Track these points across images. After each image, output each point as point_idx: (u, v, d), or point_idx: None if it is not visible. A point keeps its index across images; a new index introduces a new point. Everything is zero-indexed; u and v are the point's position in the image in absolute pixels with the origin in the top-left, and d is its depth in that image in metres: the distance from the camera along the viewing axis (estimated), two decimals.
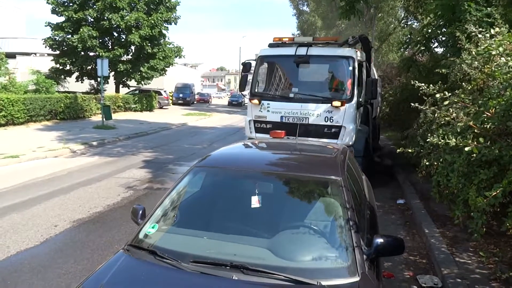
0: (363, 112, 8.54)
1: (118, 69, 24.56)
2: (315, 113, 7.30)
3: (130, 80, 26.98)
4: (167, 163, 10.57)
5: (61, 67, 25.21)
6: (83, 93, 24.12)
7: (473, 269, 4.31)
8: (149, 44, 24.88)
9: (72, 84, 26.70)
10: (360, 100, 7.63)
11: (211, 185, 3.25)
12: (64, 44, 24.07)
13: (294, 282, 2.18)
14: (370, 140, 8.76)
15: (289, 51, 7.76)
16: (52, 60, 25.48)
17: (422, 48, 10.50)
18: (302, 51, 7.57)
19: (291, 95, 7.68)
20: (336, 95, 7.47)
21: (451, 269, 4.29)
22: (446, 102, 3.43)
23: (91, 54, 24.58)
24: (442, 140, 2.84)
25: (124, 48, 24.56)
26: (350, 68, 7.36)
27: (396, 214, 6.67)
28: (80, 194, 7.28)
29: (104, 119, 17.71)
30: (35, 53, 35.61)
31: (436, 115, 4.40)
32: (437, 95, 3.51)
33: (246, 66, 8.26)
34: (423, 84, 3.91)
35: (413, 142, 5.87)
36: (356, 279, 2.25)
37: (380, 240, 2.49)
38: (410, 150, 3.64)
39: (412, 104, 4.30)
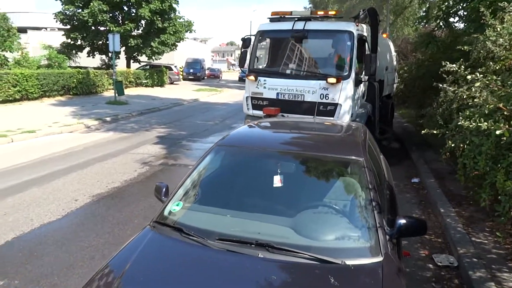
0: (369, 90, 8.29)
1: (129, 44, 24.43)
2: (310, 90, 7.06)
3: (141, 55, 26.86)
4: (181, 139, 10.64)
5: (72, 42, 25.16)
6: (94, 68, 24.16)
7: (490, 249, 4.33)
8: (160, 19, 24.59)
9: (84, 59, 26.69)
10: (362, 76, 7.37)
11: (233, 164, 3.28)
12: (75, 18, 23.93)
13: (318, 261, 2.22)
14: (376, 119, 8.51)
15: (287, 25, 7.51)
16: (63, 35, 25.40)
17: (441, 23, 10.22)
18: (299, 25, 7.34)
19: (288, 71, 7.50)
20: (332, 72, 7.22)
21: (467, 249, 4.31)
22: (478, 84, 3.33)
23: (102, 29, 24.43)
24: (474, 124, 2.79)
25: (134, 22, 24.34)
26: (349, 43, 7.06)
27: (411, 193, 6.67)
28: (97, 170, 7.40)
29: (116, 95, 17.77)
30: (46, 28, 35.54)
31: (457, 94, 4.32)
32: (468, 77, 3.41)
33: (245, 42, 8.04)
34: (454, 66, 3.79)
35: (431, 121, 5.79)
36: (379, 259, 2.28)
37: (403, 221, 2.51)
38: (434, 132, 3.60)
39: (434, 82, 4.22)
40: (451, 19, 10.04)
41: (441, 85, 3.90)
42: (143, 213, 5.40)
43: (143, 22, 24.96)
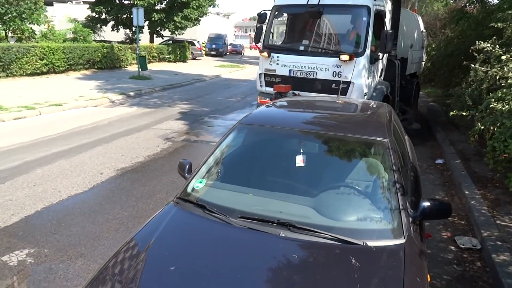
0: (388, 68, 7.98)
1: (153, 19, 24.39)
2: (323, 67, 6.85)
3: (164, 30, 26.85)
4: (203, 115, 10.70)
5: (97, 16, 25.31)
6: (118, 42, 24.30)
7: None
8: None
9: (108, 33, 26.87)
10: (378, 54, 7.04)
11: (255, 143, 3.28)
12: None
13: (339, 242, 2.23)
14: (396, 99, 8.22)
15: (302, 0, 7.24)
16: (88, 8, 25.54)
17: None
18: (315, 0, 7.09)
19: (301, 47, 7.28)
20: (346, 48, 6.97)
21: (491, 232, 4.24)
22: None
23: (126, 2, 24.43)
24: (506, 106, 2.69)
25: None
26: (365, 18, 6.73)
27: (435, 174, 6.56)
28: (121, 144, 7.55)
29: (140, 70, 17.89)
30: (72, 1, 35.79)
31: (489, 74, 4.16)
32: (503, 57, 3.26)
33: (261, 17, 7.77)
34: (487, 44, 3.62)
35: (459, 101, 5.61)
36: (402, 241, 2.26)
37: (427, 204, 2.48)
38: (464, 113, 3.49)
39: (464, 61, 4.06)
40: None
41: (473, 65, 3.73)
42: (165, 188, 5.51)
43: None
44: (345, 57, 6.57)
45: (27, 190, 5.23)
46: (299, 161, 2.86)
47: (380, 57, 7.17)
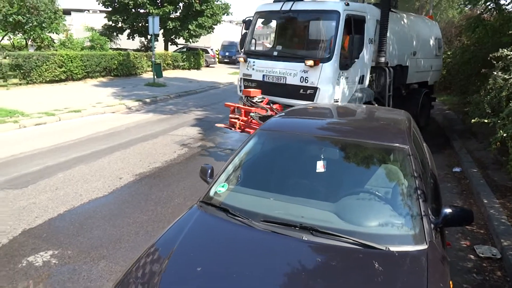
0: (378, 75, 7.87)
1: (167, 27, 24.73)
2: (292, 72, 6.86)
3: (179, 38, 27.17)
4: (218, 122, 10.78)
5: (113, 24, 25.78)
6: (133, 50, 24.68)
7: None
8: (198, 1, 24.67)
9: (124, 41, 27.33)
10: (352, 60, 6.86)
11: (275, 149, 3.33)
12: (116, 1, 24.44)
13: (362, 246, 2.25)
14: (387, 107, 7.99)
15: (278, 6, 7.31)
16: (105, 17, 26.06)
17: (491, 5, 9.69)
18: (287, 6, 7.14)
19: (273, 53, 7.34)
20: (313, 54, 6.94)
21: None
22: None
23: (141, 11, 24.83)
24: None
25: (173, 5, 24.55)
26: (334, 24, 6.68)
27: (452, 182, 6.51)
28: (139, 150, 7.68)
29: (155, 77, 18.14)
30: (88, 10, 36.54)
31: (509, 81, 4.15)
32: None
33: (247, 24, 7.90)
34: (510, 52, 3.62)
35: (477, 109, 5.58)
36: (424, 247, 2.28)
37: (449, 210, 2.50)
38: (485, 121, 3.48)
39: (482, 69, 4.05)
40: (502, 1, 9.51)
41: (494, 72, 3.73)
42: (183, 193, 5.59)
43: (181, 4, 25.16)
44: (310, 62, 6.54)
45: (49, 194, 5.36)
46: (320, 166, 2.90)
47: (352, 62, 6.92)
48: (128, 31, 26.47)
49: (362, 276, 2.07)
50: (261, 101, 6.96)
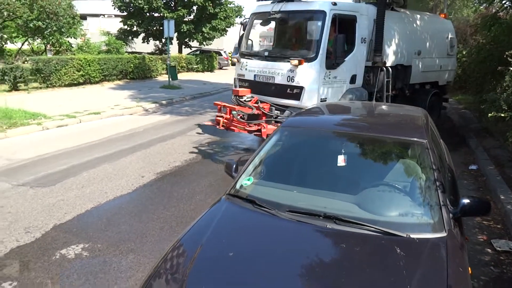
0: (375, 75, 7.77)
1: (182, 30, 25.07)
2: (279, 72, 6.98)
3: (192, 41, 27.50)
4: None
5: (128, 28, 26.24)
6: (148, 53, 25.10)
7: None
8: (211, 4, 24.98)
9: (138, 45, 27.81)
10: (344, 59, 6.94)
11: (297, 144, 3.47)
12: (131, 5, 24.90)
13: (383, 234, 2.38)
14: None
15: (269, 7, 7.44)
16: (120, 21, 26.55)
17: (507, 3, 9.68)
18: (278, 7, 7.24)
19: (263, 53, 7.48)
20: (299, 53, 7.02)
21: None
22: None
23: (156, 15, 25.24)
24: None
25: (187, 8, 24.90)
26: (319, 23, 6.73)
27: (469, 179, 6.54)
28: (158, 149, 7.89)
29: (170, 79, 18.44)
30: (104, 15, 37.22)
31: None
32: None
33: (244, 25, 8.03)
34: None
35: (493, 106, 5.62)
36: (443, 234, 2.39)
37: (466, 201, 2.60)
38: (503, 115, 3.57)
39: (499, 67, 4.12)
40: None
41: (511, 68, 3.80)
42: (204, 191, 5.76)
43: (195, 8, 25.49)
44: (295, 62, 6.62)
45: (76, 192, 5.59)
46: (341, 160, 3.03)
47: (338, 62, 6.89)
48: (143, 34, 26.91)
49: (385, 260, 2.20)
50: (250, 100, 7.07)
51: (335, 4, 6.80)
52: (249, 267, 2.17)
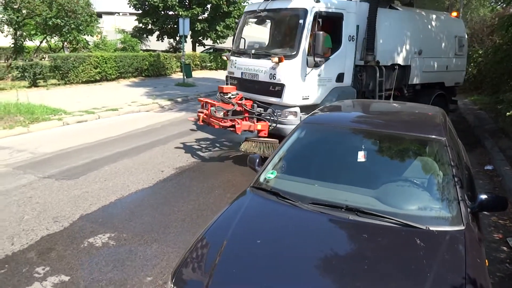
0: (367, 74, 7.71)
1: (196, 28, 25.28)
2: (263, 69, 6.97)
3: (206, 39, 27.71)
4: None
5: (143, 26, 26.55)
6: (162, 51, 25.39)
7: None
8: (225, 2, 25.14)
9: (152, 43, 28.14)
10: (329, 57, 6.85)
11: (318, 140, 3.58)
12: (146, 3, 25.19)
13: (404, 226, 2.49)
14: None
15: (257, 6, 7.50)
16: (136, 19, 26.88)
17: None
18: (264, 5, 7.30)
19: (249, 51, 7.49)
20: (280, 51, 7.02)
21: None
22: None
23: (171, 13, 25.50)
24: None
25: (201, 6, 25.11)
26: (301, 21, 6.67)
27: (484, 180, 6.58)
28: (176, 145, 8.07)
29: (184, 77, 18.66)
30: (119, 13, 37.64)
31: None
32: None
33: (237, 24, 8.12)
34: None
35: (510, 106, 5.67)
36: (461, 227, 2.49)
37: (484, 196, 2.69)
38: None
39: None
40: None
41: None
42: (222, 186, 5.91)
43: (209, 6, 25.68)
44: (275, 59, 6.60)
45: (99, 184, 5.79)
46: (361, 156, 3.15)
47: (320, 60, 6.69)
48: (157, 32, 27.21)
49: (406, 249, 2.31)
50: (234, 97, 7.03)
51: (318, 1, 6.73)
52: (276, 253, 2.30)
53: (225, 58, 7.94)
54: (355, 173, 3.18)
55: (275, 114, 6.69)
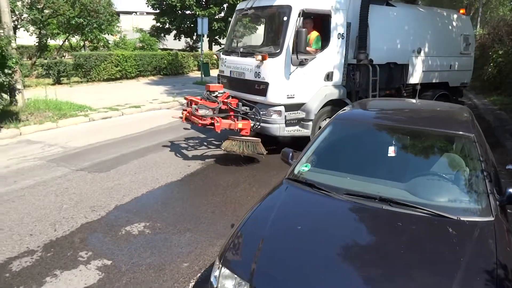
0: (361, 73, 7.54)
1: (213, 27, 25.55)
2: (248, 68, 6.95)
3: (223, 38, 27.94)
4: None
5: (161, 26, 26.95)
6: (179, 50, 25.73)
7: None
8: None
9: (169, 42, 28.52)
10: (315, 56, 6.78)
11: (350, 135, 3.73)
12: (164, 3, 25.57)
13: (435, 216, 2.63)
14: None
15: (245, 4, 7.49)
16: (153, 19, 27.30)
17: None
18: (251, 3, 7.26)
19: (238, 50, 7.46)
20: (265, 49, 6.99)
21: None
22: None
23: (188, 12, 25.83)
24: None
25: (218, 6, 25.37)
26: (285, 18, 6.57)
27: (506, 178, 6.62)
28: (199, 140, 8.31)
29: (202, 76, 18.92)
30: (136, 12, 38.21)
31: None
32: None
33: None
34: None
35: None
36: (491, 218, 2.62)
37: None
38: None
39: None
40: None
41: None
42: (247, 180, 6.10)
43: (225, 5, 25.93)
44: (259, 57, 6.56)
45: (130, 177, 6.03)
46: (391, 151, 3.29)
47: (306, 59, 6.63)
48: (174, 32, 27.58)
49: (439, 237, 2.46)
50: (220, 96, 7.09)
51: None
52: (315, 238, 2.48)
53: (215, 56, 8.13)
54: (385, 167, 3.32)
55: (260, 113, 6.68)
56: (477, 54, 15.79)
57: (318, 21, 7.04)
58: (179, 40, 28.29)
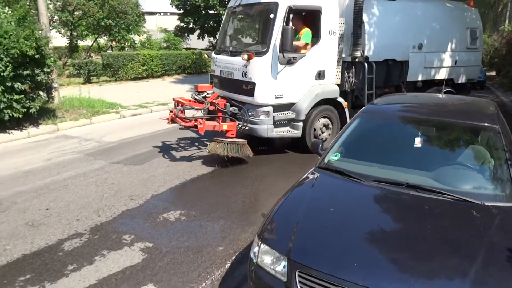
0: (357, 70, 7.34)
1: None
2: (236, 67, 6.74)
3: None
4: None
5: (185, 26, 27.45)
6: (202, 49, 26.18)
7: None
8: None
9: (193, 41, 29.02)
10: (306, 54, 6.59)
11: (377, 127, 3.91)
12: (188, 3, 26.04)
13: (461, 201, 2.79)
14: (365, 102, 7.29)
15: (234, 1, 7.28)
16: (178, 19, 27.84)
17: None
18: (238, 1, 7.08)
19: (227, 49, 7.23)
20: (252, 48, 6.81)
21: None
22: None
23: (211, 12, 26.23)
24: None
25: None
26: (272, 15, 6.34)
27: None
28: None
29: None
30: (160, 12, 38.98)
31: None
32: None
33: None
34: None
35: None
36: None
37: None
38: None
39: None
40: None
41: None
42: (273, 173, 6.33)
43: None
44: (245, 56, 6.36)
45: (163, 169, 6.36)
46: (417, 142, 3.46)
47: (294, 57, 6.45)
48: (198, 31, 28.05)
49: (464, 219, 2.63)
50: (209, 96, 7.03)
51: None
52: (347, 220, 2.69)
53: (206, 56, 8.13)
54: (412, 157, 3.48)
55: (247, 113, 6.57)
56: (505, 50, 15.56)
57: (310, 18, 6.79)
58: (203, 40, 28.70)
